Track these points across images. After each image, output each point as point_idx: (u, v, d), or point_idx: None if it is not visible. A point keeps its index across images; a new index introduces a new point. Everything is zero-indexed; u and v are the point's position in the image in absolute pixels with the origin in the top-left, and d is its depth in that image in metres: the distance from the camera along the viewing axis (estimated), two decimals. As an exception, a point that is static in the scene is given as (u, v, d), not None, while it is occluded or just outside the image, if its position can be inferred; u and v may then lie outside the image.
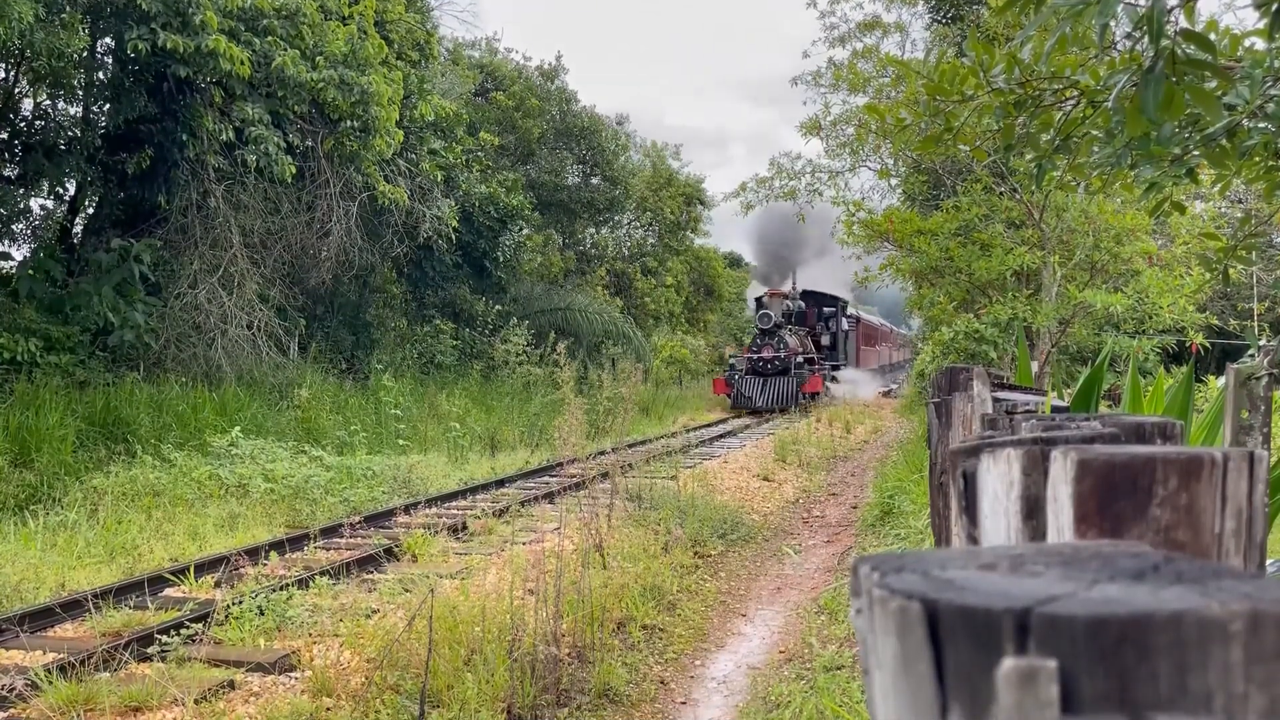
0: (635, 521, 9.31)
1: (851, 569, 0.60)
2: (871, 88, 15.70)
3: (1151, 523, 0.76)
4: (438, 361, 21.33)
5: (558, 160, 30.68)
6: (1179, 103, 2.16)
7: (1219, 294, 18.61)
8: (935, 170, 16.87)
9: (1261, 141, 2.93)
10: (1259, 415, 3.26)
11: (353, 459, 13.01)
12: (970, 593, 0.54)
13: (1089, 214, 12.99)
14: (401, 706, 5.06)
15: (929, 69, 3.29)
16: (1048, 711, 0.50)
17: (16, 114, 14.94)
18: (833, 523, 11.37)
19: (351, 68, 15.39)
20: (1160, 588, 0.54)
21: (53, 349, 13.06)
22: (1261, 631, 0.50)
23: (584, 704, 5.48)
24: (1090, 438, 1.09)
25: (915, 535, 8.66)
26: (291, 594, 6.63)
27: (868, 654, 0.58)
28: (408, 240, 19.65)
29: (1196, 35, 2.21)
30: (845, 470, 15.89)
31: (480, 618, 5.67)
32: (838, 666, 5.84)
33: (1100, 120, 2.95)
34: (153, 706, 5.09)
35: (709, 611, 7.64)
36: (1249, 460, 0.79)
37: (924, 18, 19.29)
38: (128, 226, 15.36)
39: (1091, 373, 4.32)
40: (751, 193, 17.36)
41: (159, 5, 13.05)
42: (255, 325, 15.70)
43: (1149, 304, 13.22)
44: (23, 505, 9.98)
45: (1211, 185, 3.79)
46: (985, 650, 0.51)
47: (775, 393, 25.43)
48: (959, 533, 1.10)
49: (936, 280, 15.41)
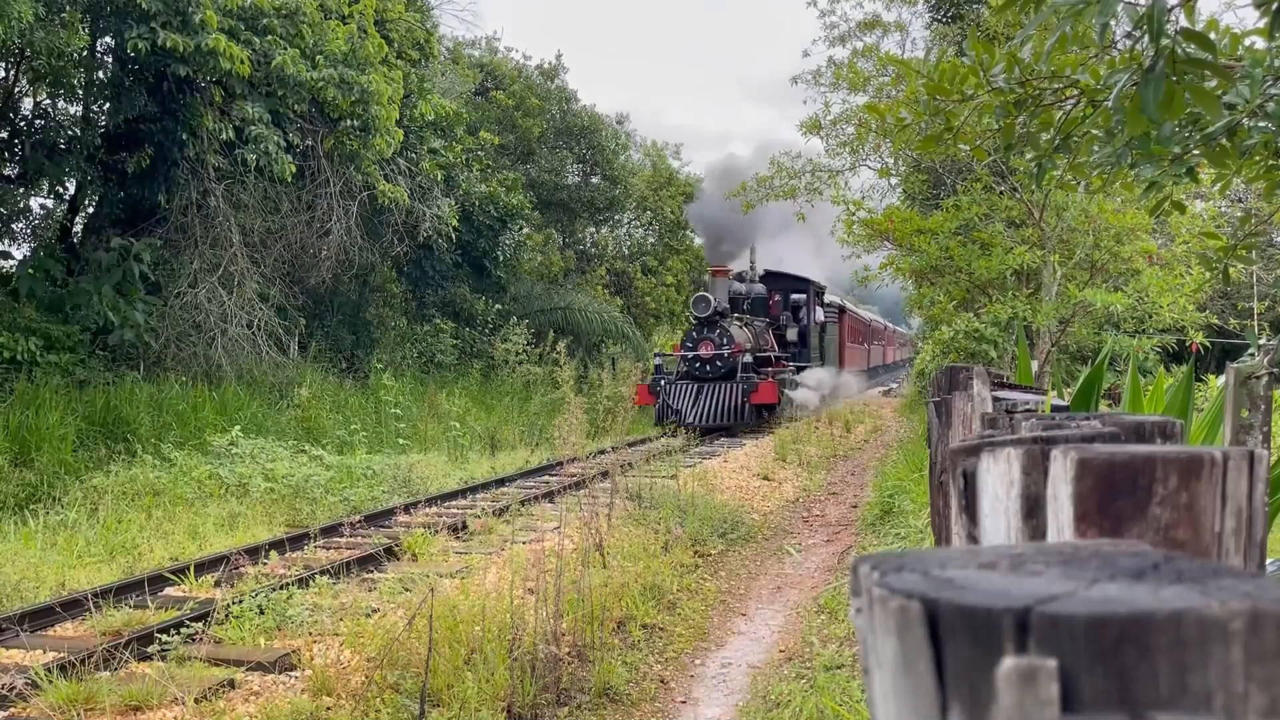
0: (635, 521, 9.31)
1: (851, 568, 0.60)
2: (871, 87, 15.69)
3: (1151, 522, 0.76)
4: (438, 361, 21.34)
5: (558, 159, 30.68)
6: (1179, 102, 2.16)
7: (1219, 293, 18.61)
8: (935, 169, 16.87)
9: (1261, 140, 2.93)
10: (1259, 414, 3.26)
11: (353, 458, 13.01)
12: (970, 592, 0.54)
13: (1089, 213, 12.99)
14: (402, 705, 5.06)
15: (929, 68, 3.29)
16: (1048, 710, 0.50)
17: (16, 113, 14.94)
18: (833, 522, 11.37)
19: (351, 67, 15.39)
20: (1160, 587, 0.54)
21: (53, 348, 13.06)
22: (1261, 631, 0.50)
23: (584, 703, 5.48)
24: (1090, 437, 1.09)
25: (915, 534, 8.66)
26: (291, 593, 6.63)
27: (868, 653, 0.58)
28: (408, 239, 19.66)
29: (1197, 34, 2.21)
30: (845, 469, 15.89)
31: (480, 617, 5.67)
32: (838, 665, 5.84)
33: (1100, 119, 2.95)
34: (153, 706, 5.09)
35: (709, 610, 7.64)
36: (1249, 459, 0.79)
37: (924, 17, 19.29)
38: (128, 226, 15.36)
39: (1091, 372, 4.33)
40: (751, 192, 17.34)
41: (159, 4, 13.05)
42: (255, 324, 15.71)
43: (1149, 303, 13.22)
44: (23, 504, 9.98)
45: (1211, 184, 3.79)
46: (985, 649, 0.51)
47: (714, 405, 18.67)
48: (959, 532, 1.10)
49: (936, 279, 15.40)
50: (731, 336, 19.42)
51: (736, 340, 19.43)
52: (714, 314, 19.56)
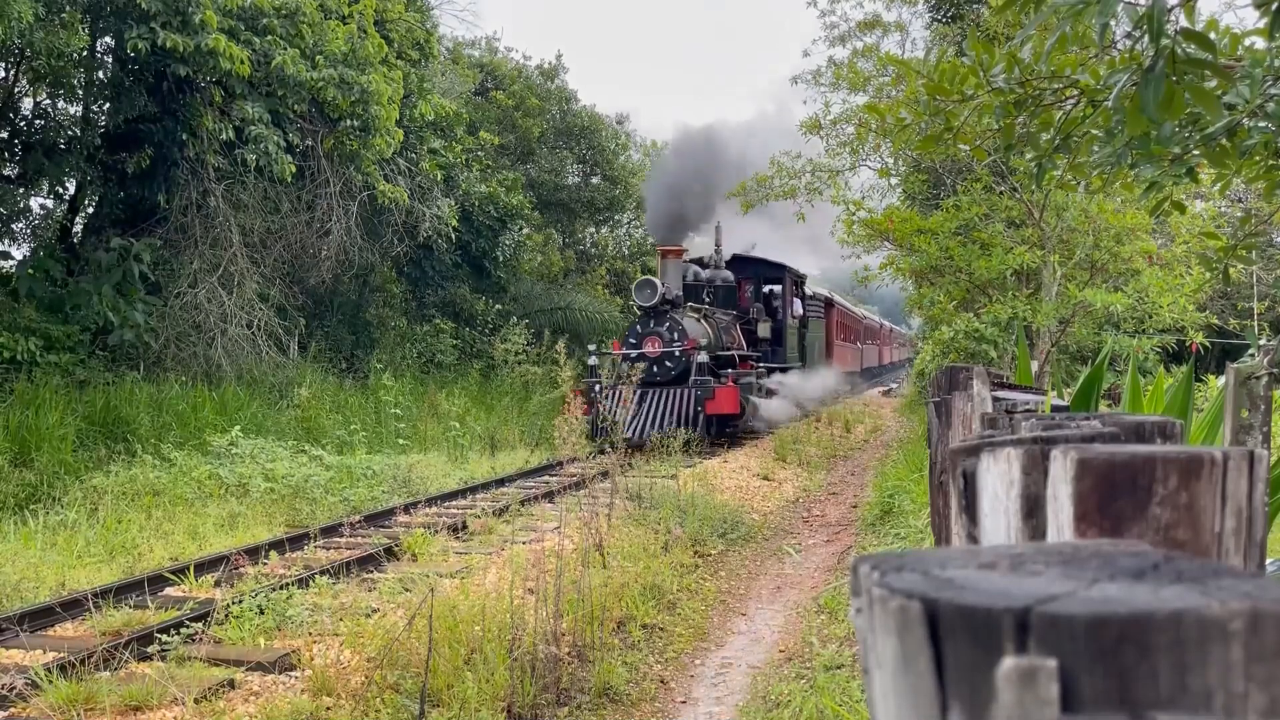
0: (635, 521, 9.31)
1: (851, 568, 0.60)
2: (871, 87, 15.70)
3: (1151, 522, 0.76)
4: (437, 361, 21.34)
5: (558, 159, 30.67)
6: (1179, 102, 2.16)
7: (1219, 293, 18.61)
8: (935, 169, 16.86)
9: (1261, 141, 2.93)
10: (1259, 414, 3.26)
11: (352, 458, 13.01)
12: (970, 592, 0.54)
13: (1089, 213, 12.99)
14: (402, 706, 5.06)
15: (929, 68, 3.29)
16: (1048, 710, 0.50)
17: (16, 113, 14.95)
18: (833, 522, 11.37)
19: (351, 67, 15.40)
20: (1160, 587, 0.54)
21: (52, 348, 13.06)
22: (1261, 630, 0.50)
23: (584, 703, 5.48)
24: (1090, 437, 1.09)
25: (915, 534, 8.66)
26: (291, 593, 6.63)
27: (868, 653, 0.58)
28: (407, 239, 19.66)
29: (1197, 34, 2.21)
30: (845, 469, 15.89)
31: (480, 617, 5.67)
32: (838, 665, 5.84)
33: (1100, 119, 2.95)
34: (153, 706, 5.09)
35: (709, 611, 7.64)
36: (1249, 459, 0.79)
37: (924, 17, 19.29)
38: (128, 226, 15.36)
39: (1091, 372, 4.33)
40: (751, 192, 17.34)
41: (159, 4, 13.05)
42: (255, 324, 15.71)
43: (1149, 303, 13.21)
44: (23, 505, 9.98)
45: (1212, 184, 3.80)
46: (985, 649, 0.51)
47: (659, 416, 15.02)
48: (959, 532, 1.10)
49: (936, 279, 15.40)
50: (685, 330, 15.92)
51: (690, 335, 15.94)
52: (663, 303, 16.11)
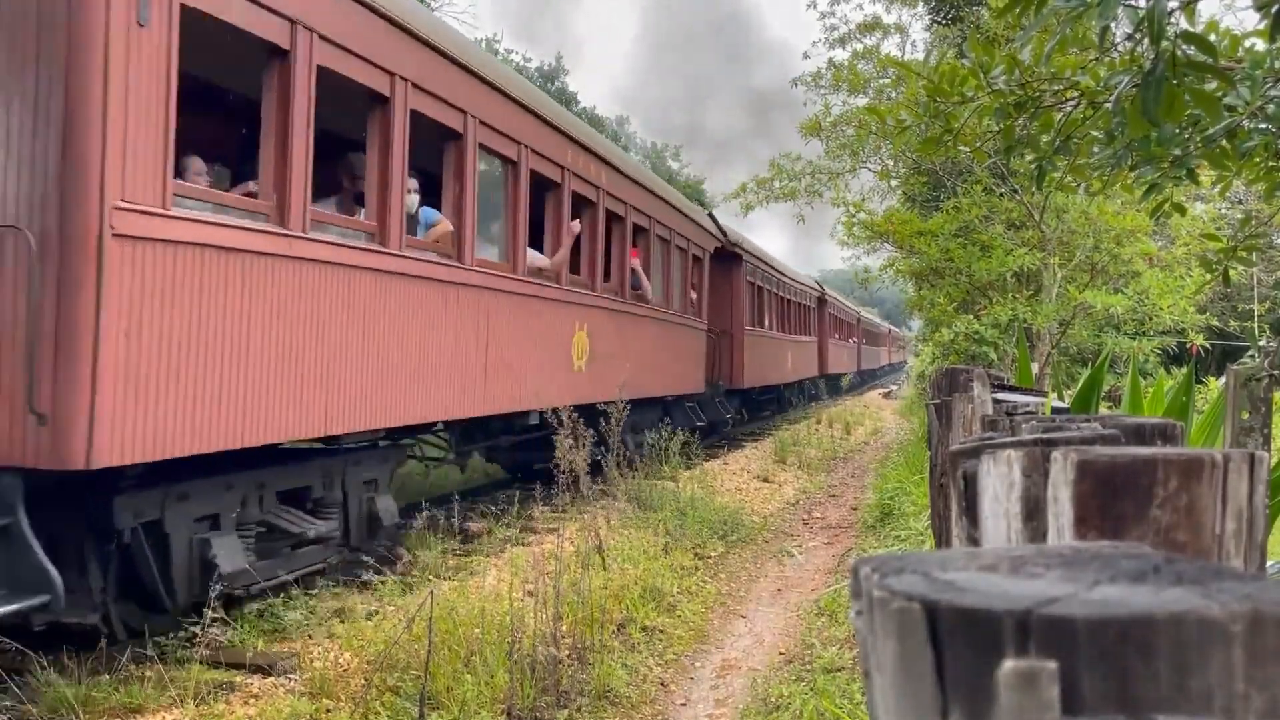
0: (635, 523, 9.31)
1: (852, 570, 0.60)
2: (871, 89, 15.71)
3: (1152, 524, 0.76)
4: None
5: (558, 161, 30.69)
6: (1179, 104, 2.16)
7: (1219, 295, 18.60)
8: (935, 171, 16.87)
9: (1261, 142, 2.93)
10: (1259, 416, 3.26)
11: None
12: (971, 594, 0.54)
13: (1089, 215, 12.99)
14: (401, 708, 5.05)
15: (929, 70, 3.29)
16: (1048, 713, 0.50)
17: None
18: (833, 524, 11.37)
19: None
20: (1161, 589, 0.54)
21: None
22: (1262, 632, 0.50)
23: (584, 705, 5.48)
24: (1090, 439, 1.09)
25: (915, 537, 8.66)
26: (291, 595, 6.62)
27: (868, 656, 0.58)
28: (408, 241, 19.64)
29: (1197, 37, 2.21)
30: (845, 471, 15.89)
31: (480, 619, 5.67)
32: (838, 668, 5.83)
33: (1101, 121, 2.96)
34: (151, 708, 5.08)
35: (709, 613, 7.64)
36: (1249, 461, 0.79)
37: (924, 19, 19.30)
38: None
39: (1092, 374, 4.33)
40: (751, 193, 17.35)
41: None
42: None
43: (1149, 305, 13.22)
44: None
45: (1212, 186, 3.80)
46: (986, 652, 0.51)
47: None
48: (959, 534, 1.10)
49: (936, 281, 15.41)
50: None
51: None
52: None
